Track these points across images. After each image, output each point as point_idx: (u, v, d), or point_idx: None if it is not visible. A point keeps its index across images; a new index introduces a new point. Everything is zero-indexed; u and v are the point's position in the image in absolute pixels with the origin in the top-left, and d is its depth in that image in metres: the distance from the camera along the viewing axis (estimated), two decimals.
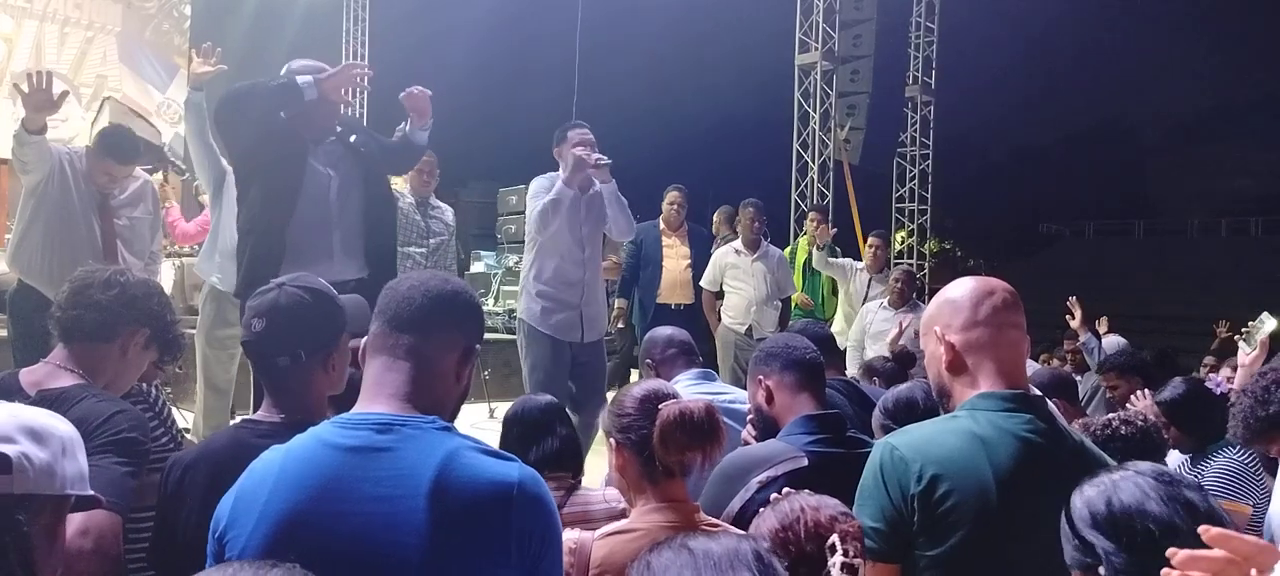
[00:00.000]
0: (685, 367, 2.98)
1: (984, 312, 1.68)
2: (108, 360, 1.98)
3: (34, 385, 1.90)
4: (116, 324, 1.98)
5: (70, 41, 11.34)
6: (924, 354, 1.83)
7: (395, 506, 1.30)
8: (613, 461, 1.92)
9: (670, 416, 1.81)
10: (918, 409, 2.46)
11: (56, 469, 1.25)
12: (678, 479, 1.86)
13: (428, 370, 1.43)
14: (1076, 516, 1.19)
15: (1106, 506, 1.18)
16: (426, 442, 1.35)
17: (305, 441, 1.38)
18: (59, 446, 1.27)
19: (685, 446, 1.82)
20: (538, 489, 1.39)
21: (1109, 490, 1.20)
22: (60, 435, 1.29)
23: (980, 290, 1.71)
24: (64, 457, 1.27)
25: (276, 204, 3.25)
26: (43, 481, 1.23)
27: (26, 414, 1.28)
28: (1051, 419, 1.67)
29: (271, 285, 1.82)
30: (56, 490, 1.25)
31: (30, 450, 1.22)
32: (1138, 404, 3.58)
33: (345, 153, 3.47)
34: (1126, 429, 2.53)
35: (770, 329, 6.04)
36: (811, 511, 1.55)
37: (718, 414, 1.88)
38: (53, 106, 3.53)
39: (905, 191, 12.37)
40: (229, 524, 1.35)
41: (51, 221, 3.80)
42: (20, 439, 1.22)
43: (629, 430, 1.87)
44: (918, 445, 1.60)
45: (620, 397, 1.95)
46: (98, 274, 2.04)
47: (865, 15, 10.28)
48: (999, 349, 1.67)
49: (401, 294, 1.47)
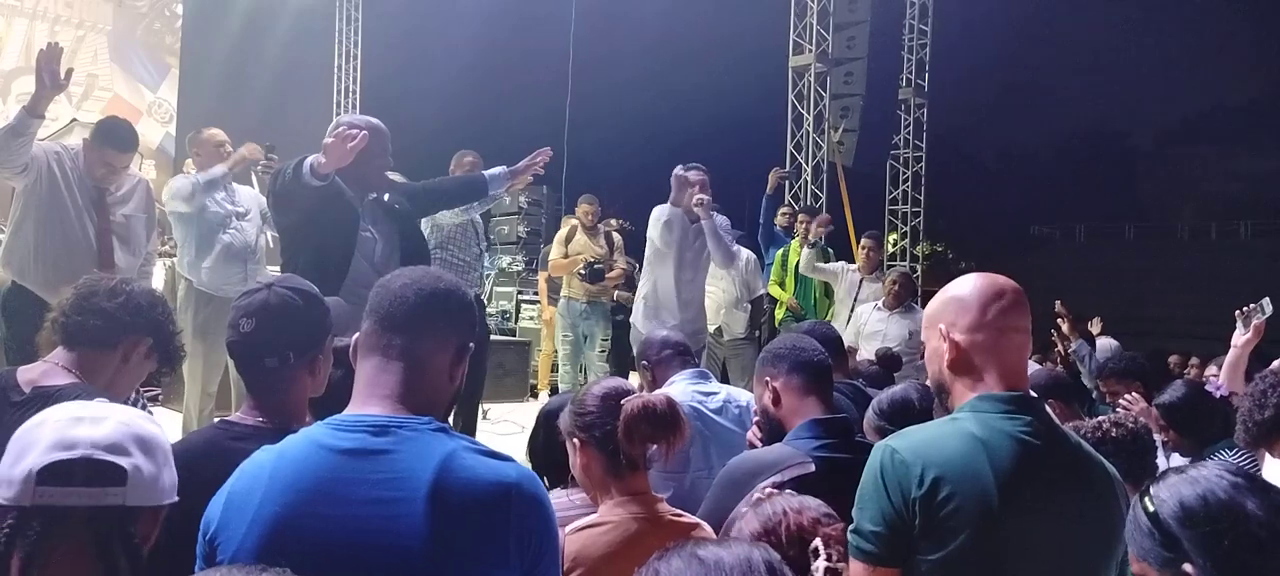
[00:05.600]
0: (681, 368, 2.97)
1: (991, 315, 1.65)
2: (107, 366, 2.00)
3: (30, 382, 1.92)
4: (120, 331, 2.00)
5: (61, 40, 11.25)
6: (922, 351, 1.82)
7: (393, 509, 1.29)
8: (575, 461, 1.94)
9: (634, 409, 1.85)
10: (913, 409, 2.45)
11: (161, 479, 1.27)
12: (641, 471, 1.89)
13: (421, 370, 1.42)
14: (1165, 512, 1.17)
15: (1202, 502, 1.16)
16: (423, 444, 1.34)
17: (298, 443, 1.36)
18: (162, 457, 1.29)
19: (649, 438, 1.85)
20: (535, 489, 1.39)
21: (1204, 486, 1.17)
22: (162, 445, 1.31)
23: (989, 291, 1.67)
24: (164, 468, 1.29)
25: (329, 270, 3.13)
26: (150, 492, 1.25)
27: (137, 422, 1.29)
28: (1050, 421, 1.66)
29: (260, 285, 1.80)
30: (159, 500, 1.27)
31: (141, 462, 1.24)
32: (1132, 408, 3.59)
33: (383, 213, 3.43)
34: (1117, 431, 2.53)
35: (739, 330, 6.10)
36: (794, 514, 1.54)
37: (679, 406, 1.90)
38: (61, 85, 3.44)
39: (898, 193, 12.39)
40: (220, 526, 1.33)
41: (43, 222, 3.72)
42: (133, 450, 1.24)
43: (592, 427, 1.90)
44: (918, 448, 1.58)
45: (581, 397, 1.98)
46: (104, 281, 2.07)
47: (859, 17, 10.30)
48: (1003, 352, 1.65)
49: (393, 292, 1.46)
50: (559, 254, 6.68)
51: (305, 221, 3.25)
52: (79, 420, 1.25)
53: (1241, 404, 2.48)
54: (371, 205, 3.39)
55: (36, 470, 1.19)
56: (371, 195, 3.39)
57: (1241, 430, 2.45)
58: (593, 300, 6.50)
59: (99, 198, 3.82)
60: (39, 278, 3.71)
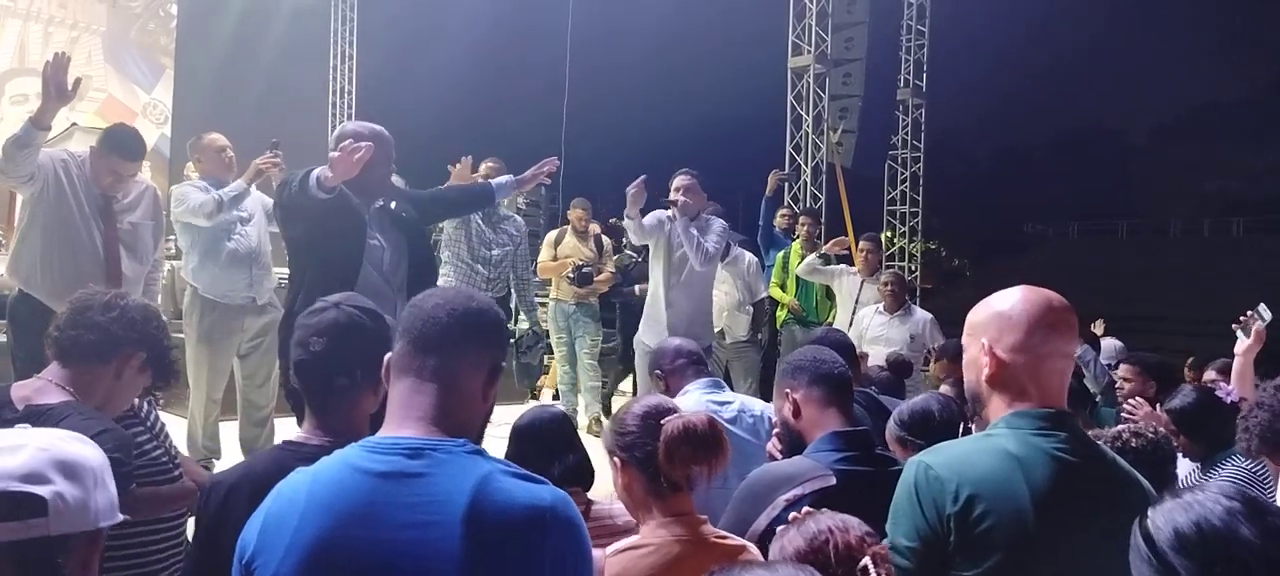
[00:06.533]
0: (694, 377, 2.96)
1: (1038, 338, 1.63)
2: (102, 381, 2.00)
3: (22, 400, 1.91)
4: (114, 345, 1.99)
5: (54, 41, 11.19)
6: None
7: (429, 532, 1.27)
8: (617, 480, 1.91)
9: (674, 431, 1.80)
10: (933, 420, 2.45)
11: (90, 504, 1.23)
12: (684, 492, 1.85)
13: (455, 391, 1.40)
14: (1161, 539, 1.16)
15: (1196, 530, 1.15)
16: (459, 467, 1.32)
17: (332, 465, 1.35)
18: (92, 479, 1.25)
19: (690, 460, 1.81)
20: (570, 512, 1.37)
21: (1198, 512, 1.16)
22: (92, 466, 1.26)
23: (1037, 314, 1.65)
24: (96, 489, 1.25)
25: (337, 279, 3.09)
26: (78, 519, 1.20)
27: (59, 446, 1.25)
28: (1085, 438, 1.66)
29: (327, 304, 1.80)
30: (91, 525, 1.23)
31: (64, 488, 1.20)
32: (1136, 412, 3.59)
33: (390, 221, 3.40)
34: (1137, 441, 2.53)
35: (742, 333, 6.10)
36: (841, 533, 1.53)
37: (721, 426, 1.87)
38: (68, 95, 3.39)
39: (897, 194, 12.41)
40: (257, 550, 1.32)
41: (50, 230, 3.68)
42: (55, 477, 1.20)
43: (633, 447, 1.86)
44: (953, 464, 1.58)
45: (621, 415, 1.94)
46: (98, 296, 2.06)
47: (857, 18, 10.29)
48: (1045, 375, 1.64)
49: (427, 313, 1.44)
50: (548, 256, 6.69)
51: (312, 231, 3.23)
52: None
53: (1256, 414, 2.46)
54: (378, 213, 3.37)
55: None
56: (378, 203, 3.38)
57: (1257, 441, 2.44)
58: (581, 302, 6.51)
59: (106, 206, 3.78)
60: (46, 286, 3.68)
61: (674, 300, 4.70)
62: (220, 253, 4.36)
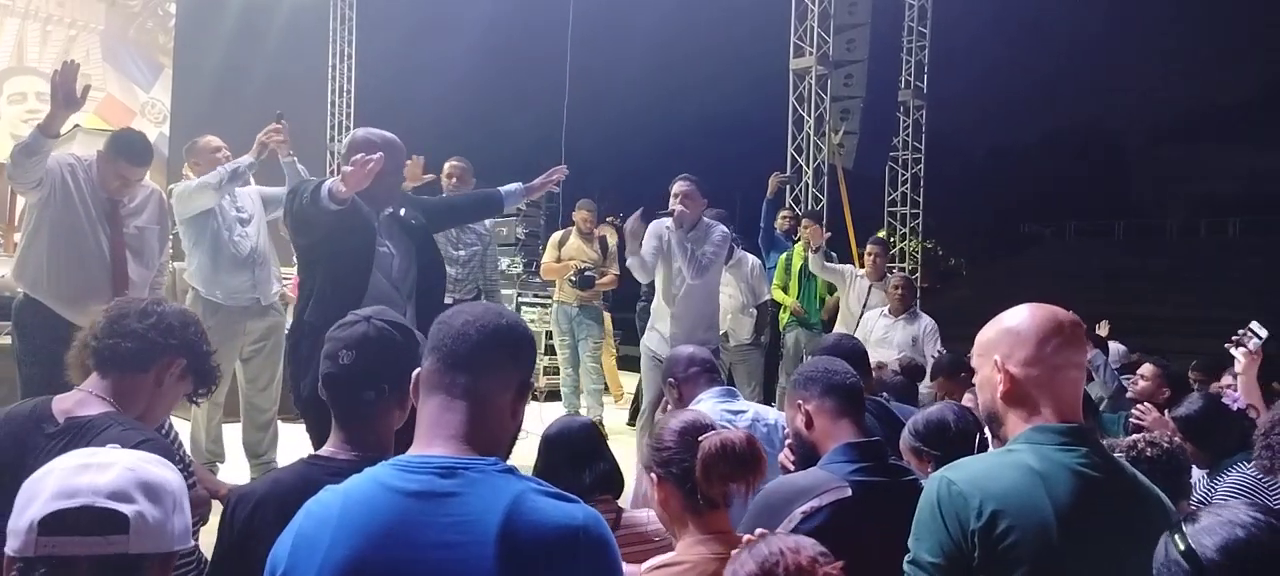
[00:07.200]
0: (708, 386, 2.96)
1: (1049, 350, 1.65)
2: (142, 390, 1.97)
3: (64, 413, 1.88)
4: (153, 353, 1.96)
5: (52, 40, 11.14)
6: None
7: (462, 553, 1.27)
8: (654, 496, 1.90)
9: (712, 448, 1.80)
10: (949, 430, 2.45)
11: (168, 525, 1.26)
12: (721, 509, 1.84)
13: (485, 409, 1.40)
14: (1205, 556, 1.16)
15: (1243, 546, 1.15)
16: (491, 487, 1.32)
17: (364, 484, 1.35)
18: (171, 502, 1.27)
19: (728, 477, 1.80)
20: (602, 531, 1.37)
21: (1239, 529, 1.17)
22: (172, 490, 1.29)
23: (1047, 327, 1.67)
24: (175, 513, 1.27)
25: (347, 288, 3.12)
26: (156, 540, 1.23)
27: (143, 467, 1.28)
28: (1106, 453, 1.67)
29: (357, 317, 1.80)
30: (166, 548, 1.25)
31: (146, 509, 1.23)
32: (1145, 418, 3.60)
33: (399, 228, 3.40)
34: (1152, 450, 2.54)
35: (745, 335, 6.11)
36: (792, 554, 1.53)
37: (759, 443, 1.86)
38: (77, 103, 3.38)
39: (897, 195, 12.42)
40: (289, 569, 1.32)
41: (56, 235, 3.67)
42: (138, 497, 1.23)
43: (670, 463, 1.85)
44: (976, 480, 1.58)
45: (659, 431, 1.93)
46: (135, 303, 2.02)
47: (859, 20, 10.27)
48: (1059, 387, 1.66)
49: (456, 330, 1.43)
50: (552, 258, 6.70)
51: (322, 240, 3.23)
52: (85, 467, 1.25)
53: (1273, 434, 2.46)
54: (388, 220, 3.37)
55: (38, 520, 1.20)
56: (387, 211, 3.37)
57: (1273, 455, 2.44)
58: (584, 304, 6.52)
59: (112, 210, 3.77)
60: (52, 291, 3.67)
61: (677, 307, 4.70)
62: (222, 254, 4.34)
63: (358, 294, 3.13)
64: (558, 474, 2.23)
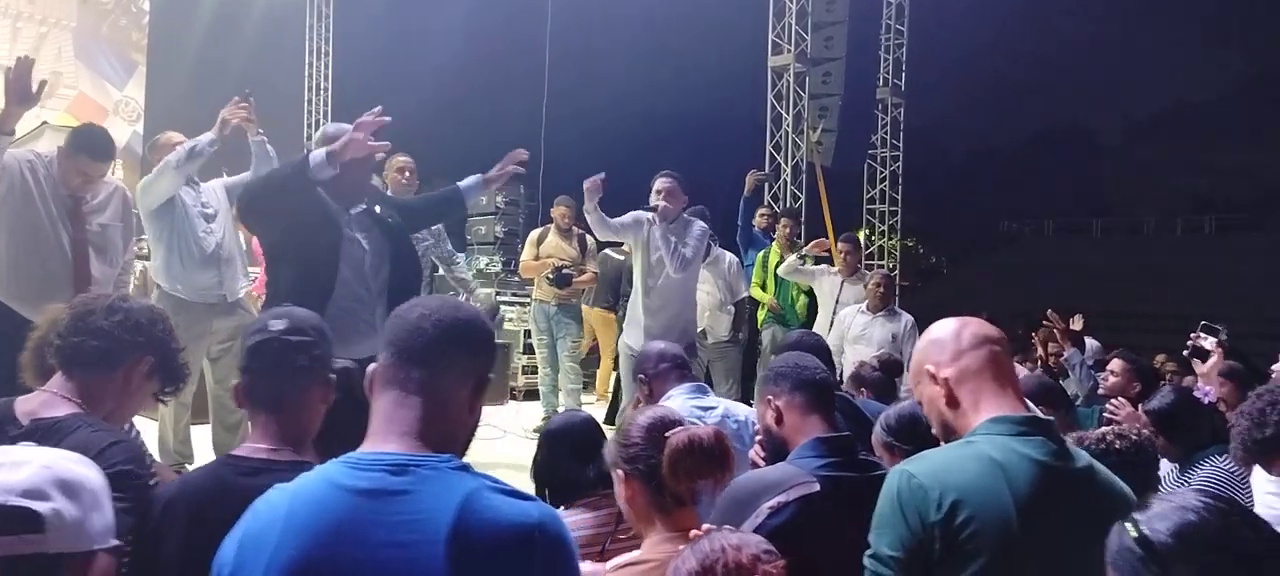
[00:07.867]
0: (678, 382, 2.95)
1: (966, 340, 1.73)
2: (109, 390, 1.90)
3: (28, 414, 1.83)
4: (121, 352, 1.90)
5: (23, 37, 10.97)
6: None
7: (413, 552, 1.24)
8: (620, 493, 1.88)
9: (679, 444, 1.78)
10: (920, 424, 2.44)
11: (87, 524, 1.22)
12: (688, 507, 1.82)
13: (440, 405, 1.37)
14: (1158, 542, 1.16)
15: (1194, 531, 1.15)
16: (444, 484, 1.29)
17: (313, 482, 1.32)
18: (91, 499, 1.23)
19: (695, 474, 1.78)
20: (558, 528, 1.35)
21: (1190, 515, 1.16)
22: (91, 487, 1.24)
23: (956, 324, 1.78)
24: (94, 511, 1.23)
25: (313, 284, 3.04)
26: (74, 538, 1.19)
27: (60, 464, 1.24)
28: (1062, 441, 1.68)
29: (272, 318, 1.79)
30: (86, 546, 1.21)
31: (63, 506, 1.19)
32: (1119, 413, 3.62)
33: (372, 222, 3.35)
34: (1121, 443, 2.54)
35: (723, 333, 6.11)
36: (733, 551, 1.52)
37: (727, 440, 1.84)
38: (32, 99, 3.31)
39: (876, 192, 12.46)
40: (235, 570, 1.29)
41: (16, 233, 3.60)
42: (53, 494, 1.19)
43: (636, 460, 1.83)
44: (935, 472, 1.58)
45: (626, 427, 1.90)
46: (100, 300, 1.96)
47: (837, 17, 10.31)
48: (989, 371, 1.71)
49: (411, 323, 1.40)
50: (530, 255, 6.67)
51: (287, 235, 3.18)
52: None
53: (1237, 421, 2.48)
54: (362, 215, 3.33)
55: None
56: (360, 206, 3.33)
57: (1238, 447, 2.46)
58: (562, 303, 6.49)
59: (74, 207, 3.70)
60: (12, 290, 3.60)
61: (652, 302, 4.69)
62: (187, 250, 4.24)
63: (325, 293, 3.09)
64: (560, 469, 2.21)
